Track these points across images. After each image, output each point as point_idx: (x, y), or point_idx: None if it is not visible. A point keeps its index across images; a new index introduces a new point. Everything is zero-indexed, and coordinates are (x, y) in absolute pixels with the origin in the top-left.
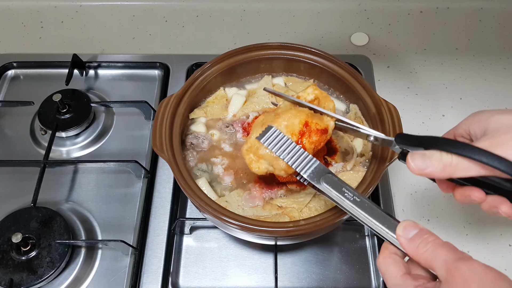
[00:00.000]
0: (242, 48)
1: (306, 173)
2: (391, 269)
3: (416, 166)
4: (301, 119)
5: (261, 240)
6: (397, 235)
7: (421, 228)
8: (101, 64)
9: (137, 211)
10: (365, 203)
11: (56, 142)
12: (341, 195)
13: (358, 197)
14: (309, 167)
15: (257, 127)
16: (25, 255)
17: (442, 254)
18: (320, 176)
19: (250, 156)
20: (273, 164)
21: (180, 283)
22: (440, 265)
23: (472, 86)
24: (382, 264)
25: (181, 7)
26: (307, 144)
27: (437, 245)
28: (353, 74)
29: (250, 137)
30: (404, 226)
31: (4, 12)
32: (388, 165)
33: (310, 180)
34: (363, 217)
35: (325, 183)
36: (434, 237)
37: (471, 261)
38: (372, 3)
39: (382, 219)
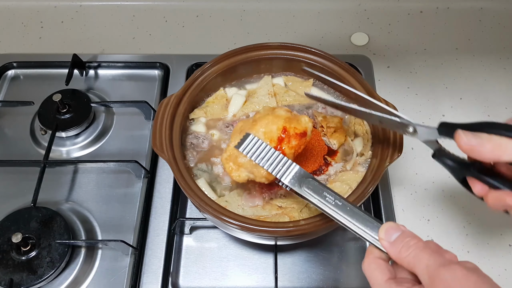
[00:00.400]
0: (242, 48)
1: (287, 179)
2: (376, 274)
3: (468, 141)
4: (278, 126)
5: (261, 240)
6: (379, 238)
7: (403, 230)
8: (101, 64)
9: (137, 211)
10: (347, 206)
11: (56, 142)
12: (322, 199)
13: (339, 200)
14: (289, 173)
15: (236, 135)
16: (25, 255)
17: (424, 259)
18: (301, 181)
19: (230, 165)
20: (253, 172)
21: (180, 283)
22: (422, 270)
23: (472, 86)
24: (367, 269)
25: (181, 7)
26: (286, 149)
27: (418, 249)
28: (353, 74)
29: (229, 146)
30: (386, 229)
31: (4, 12)
32: (388, 165)
33: (291, 186)
34: (345, 221)
35: (305, 188)
36: (415, 240)
37: (453, 267)
38: (372, 3)
39: (365, 222)
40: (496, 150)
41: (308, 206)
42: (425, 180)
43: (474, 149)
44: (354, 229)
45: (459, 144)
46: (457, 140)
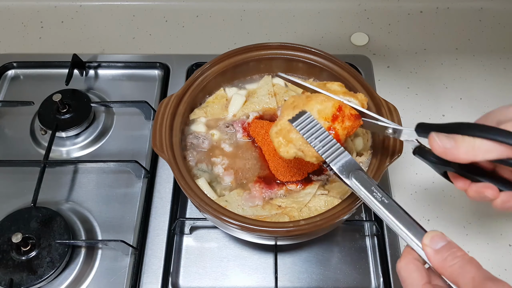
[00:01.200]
0: (242, 48)
1: (336, 166)
2: (414, 275)
3: (442, 144)
4: (334, 103)
5: (261, 240)
6: (423, 245)
7: (449, 241)
8: (101, 64)
9: (137, 211)
10: (393, 205)
11: (56, 142)
12: (370, 194)
13: (386, 198)
14: (339, 160)
15: (288, 110)
16: (25, 255)
17: (471, 271)
18: (350, 171)
19: (279, 140)
20: (304, 150)
21: (180, 283)
22: (467, 281)
23: (472, 86)
24: (404, 269)
25: (181, 7)
26: (340, 130)
27: (466, 261)
28: (353, 74)
29: (281, 120)
30: (432, 236)
31: (4, 12)
32: (388, 165)
33: (340, 174)
34: (389, 220)
35: (354, 179)
36: (462, 252)
37: (501, 282)
38: (372, 3)
39: (408, 225)
40: (470, 151)
41: (308, 206)
42: (425, 180)
43: (447, 152)
44: (396, 229)
45: (433, 147)
46: (431, 144)
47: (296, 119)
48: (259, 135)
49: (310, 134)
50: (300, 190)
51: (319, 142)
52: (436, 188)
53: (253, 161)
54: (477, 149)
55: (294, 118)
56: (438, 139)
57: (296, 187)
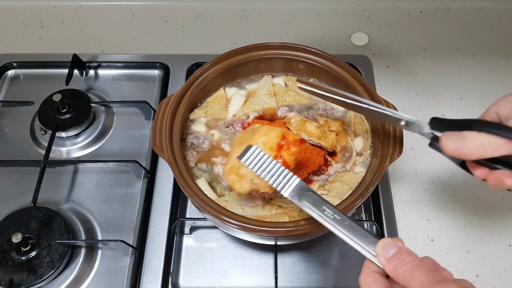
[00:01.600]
0: (242, 48)
1: (287, 192)
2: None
3: (451, 146)
4: (277, 133)
5: (261, 240)
6: (376, 254)
7: (400, 246)
8: (101, 64)
9: (137, 211)
10: (345, 221)
11: (56, 142)
12: (321, 213)
13: (338, 215)
14: (289, 186)
15: (236, 146)
16: (25, 255)
17: (420, 276)
18: (300, 195)
19: (232, 177)
20: (256, 183)
21: (180, 283)
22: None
23: (472, 86)
24: (363, 282)
25: (181, 7)
26: (287, 156)
27: (414, 266)
28: (353, 74)
29: (231, 157)
30: (383, 245)
31: (4, 12)
32: (388, 165)
33: (291, 199)
34: (343, 235)
35: (305, 202)
36: (412, 257)
37: (447, 285)
38: (372, 3)
39: (362, 237)
40: (479, 149)
41: None
42: (425, 180)
43: (458, 152)
44: (352, 243)
45: (444, 150)
46: (442, 146)
47: (243, 154)
48: None
49: (259, 167)
50: None
51: (268, 173)
52: (436, 188)
53: None
54: (486, 146)
55: (242, 154)
56: (448, 141)
57: None
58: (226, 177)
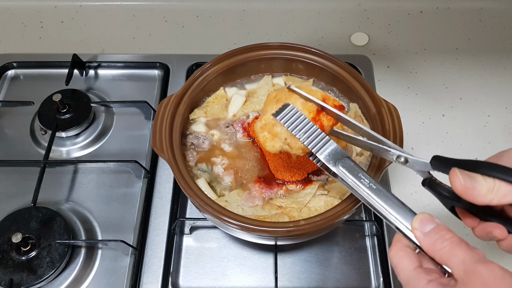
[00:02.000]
0: (242, 48)
1: (322, 155)
2: (404, 261)
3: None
4: (317, 96)
5: (261, 240)
6: (412, 228)
7: (438, 223)
8: (101, 64)
9: (137, 211)
10: (381, 191)
11: (56, 142)
12: (357, 180)
13: (374, 184)
14: (325, 149)
15: (271, 104)
16: (25, 255)
17: (461, 254)
18: (336, 159)
19: (265, 134)
20: (289, 143)
21: (180, 283)
22: (457, 264)
23: (472, 86)
24: (394, 256)
25: (181, 7)
26: (325, 121)
27: (455, 243)
28: (353, 74)
29: (265, 114)
30: (421, 220)
31: (4, 12)
32: (388, 165)
33: (326, 163)
34: (378, 206)
35: (341, 167)
36: (451, 234)
37: (491, 264)
38: (372, 3)
39: (397, 209)
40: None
41: (307, 206)
42: None
43: (468, 192)
44: (386, 215)
45: (454, 185)
46: (452, 181)
47: (279, 112)
48: None
49: (295, 126)
50: (300, 190)
51: (304, 134)
52: None
53: (253, 161)
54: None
55: (277, 112)
56: (461, 176)
57: (296, 187)
58: (257, 134)
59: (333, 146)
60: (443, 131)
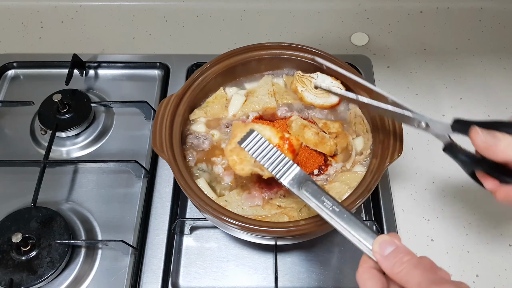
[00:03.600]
0: (242, 48)
1: (286, 180)
2: (368, 284)
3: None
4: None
5: (261, 240)
6: (373, 251)
7: (398, 245)
8: (101, 64)
9: (137, 211)
10: (344, 213)
11: (56, 142)
12: (320, 203)
13: (337, 206)
14: (289, 174)
15: (240, 127)
16: (25, 255)
17: (417, 276)
18: (300, 183)
19: (234, 158)
20: (258, 166)
21: (180, 283)
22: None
23: (472, 86)
24: (360, 278)
25: (181, 7)
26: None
27: (411, 266)
28: (353, 74)
29: (234, 138)
30: (380, 243)
31: (4, 12)
32: (388, 165)
33: (290, 187)
34: (341, 228)
35: (304, 191)
36: (409, 257)
37: (445, 286)
38: (372, 3)
39: (360, 232)
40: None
41: (307, 206)
42: (425, 180)
43: (489, 148)
44: (349, 237)
45: (475, 141)
46: (473, 137)
47: (244, 139)
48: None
49: (259, 153)
50: None
51: (268, 160)
52: (436, 188)
53: None
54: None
55: (242, 139)
56: (482, 133)
57: None
58: (227, 157)
59: (297, 170)
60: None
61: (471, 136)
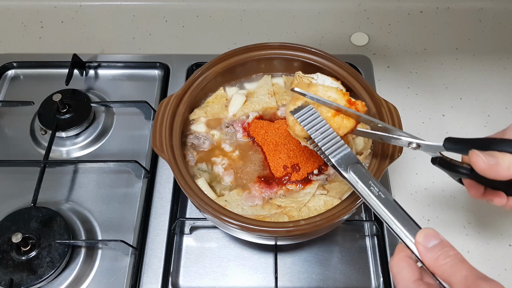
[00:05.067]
0: (242, 48)
1: (335, 158)
2: (405, 272)
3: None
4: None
5: (261, 240)
6: (415, 242)
7: (443, 239)
8: (101, 64)
9: (137, 211)
10: (390, 201)
11: (56, 142)
12: (367, 188)
13: (383, 193)
14: (339, 152)
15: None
16: (25, 255)
17: (463, 270)
18: (348, 164)
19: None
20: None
21: (180, 283)
22: (459, 280)
23: (472, 86)
24: (395, 266)
25: (181, 7)
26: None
27: (458, 260)
28: (353, 74)
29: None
30: (425, 234)
31: (4, 12)
32: (388, 165)
33: (338, 166)
34: (384, 215)
35: (352, 173)
36: (455, 251)
37: (493, 282)
38: (372, 3)
39: (403, 221)
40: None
41: (307, 205)
42: (425, 180)
43: (492, 169)
44: (391, 225)
45: (477, 165)
46: (475, 161)
47: (298, 110)
48: (259, 135)
49: (311, 126)
50: (299, 190)
51: (320, 134)
52: (436, 188)
53: (253, 161)
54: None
55: (296, 110)
56: (483, 156)
57: (295, 187)
58: (287, 117)
59: (347, 151)
60: (443, 131)
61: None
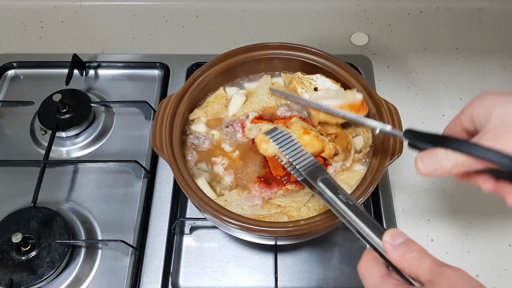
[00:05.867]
0: (242, 48)
1: (306, 171)
2: (372, 270)
3: (427, 170)
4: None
5: (261, 240)
6: (383, 241)
7: (408, 238)
8: (101, 64)
9: (137, 211)
10: (357, 207)
11: (56, 142)
12: (335, 196)
13: (351, 200)
14: (308, 166)
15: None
16: (25, 255)
17: (428, 260)
18: (317, 176)
19: (260, 137)
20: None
21: (180, 283)
22: (425, 270)
23: (472, 86)
24: (363, 267)
25: (181, 7)
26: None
27: (422, 253)
28: (353, 74)
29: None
30: (392, 234)
31: (4, 12)
32: (388, 165)
33: (307, 177)
34: (351, 220)
35: (321, 183)
36: (419, 247)
37: (459, 269)
38: (372, 3)
39: (370, 225)
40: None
41: (307, 205)
42: (425, 180)
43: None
44: (359, 229)
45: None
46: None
47: (271, 132)
48: None
49: (283, 144)
50: (299, 189)
51: (290, 151)
52: (436, 188)
53: (253, 161)
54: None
55: (269, 132)
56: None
57: (295, 187)
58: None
59: (316, 165)
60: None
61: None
